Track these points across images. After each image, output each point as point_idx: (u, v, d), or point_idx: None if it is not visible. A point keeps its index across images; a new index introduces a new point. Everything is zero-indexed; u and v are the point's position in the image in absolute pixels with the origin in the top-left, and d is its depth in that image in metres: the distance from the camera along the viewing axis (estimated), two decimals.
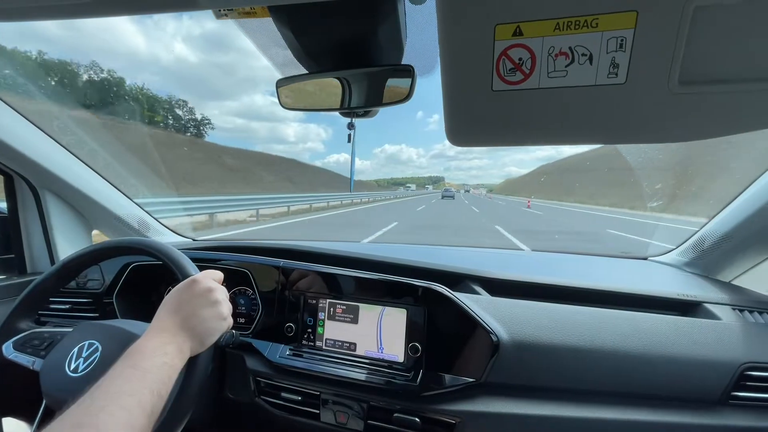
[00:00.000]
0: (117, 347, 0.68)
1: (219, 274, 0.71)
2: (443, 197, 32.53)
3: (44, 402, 0.70)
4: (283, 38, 0.63)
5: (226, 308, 0.67)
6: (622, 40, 0.36)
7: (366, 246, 1.32)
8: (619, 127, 0.42)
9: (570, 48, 0.37)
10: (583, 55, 0.37)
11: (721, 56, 0.35)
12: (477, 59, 0.40)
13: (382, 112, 0.77)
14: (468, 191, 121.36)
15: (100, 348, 0.67)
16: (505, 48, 0.39)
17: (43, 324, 0.89)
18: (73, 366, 0.66)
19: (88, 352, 0.67)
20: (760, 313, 0.83)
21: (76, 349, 0.68)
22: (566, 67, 0.38)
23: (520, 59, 0.39)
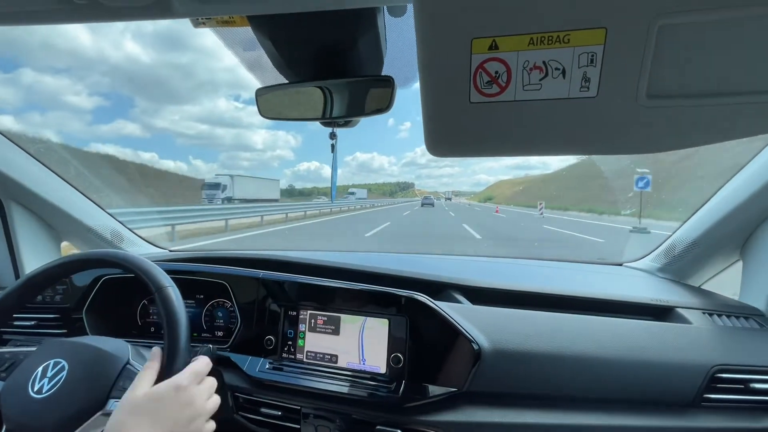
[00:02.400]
0: (85, 365, 0.64)
1: (203, 365, 0.63)
2: (423, 205, 34.00)
3: (4, 427, 0.65)
4: (262, 47, 0.62)
5: (213, 405, 0.61)
6: (592, 56, 0.37)
7: (347, 255, 1.31)
8: (591, 138, 0.44)
9: (544, 62, 0.38)
10: (556, 69, 0.39)
11: (687, 72, 0.37)
12: (454, 72, 0.40)
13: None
14: (449, 199, 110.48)
15: (66, 366, 0.64)
16: (482, 61, 0.39)
17: (5, 342, 0.84)
18: (36, 387, 0.62)
19: (53, 372, 0.63)
20: (728, 316, 0.87)
21: (40, 369, 0.64)
22: (540, 80, 0.39)
23: (496, 72, 0.40)
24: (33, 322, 1.00)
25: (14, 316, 1.00)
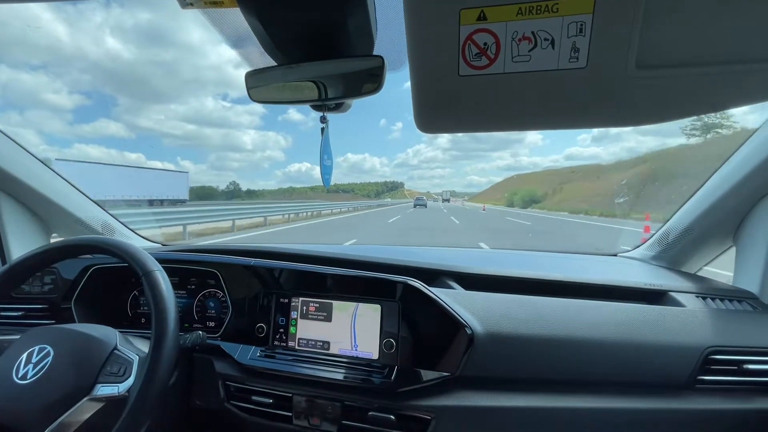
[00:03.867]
0: (71, 351, 0.64)
1: None
2: (415, 206, 34.23)
3: None
4: (251, 29, 0.61)
5: None
6: (581, 25, 0.37)
7: (339, 247, 1.30)
8: (582, 111, 0.43)
9: (533, 32, 0.38)
10: (545, 39, 0.38)
11: (676, 41, 0.37)
12: (443, 44, 0.40)
13: (343, 119, 0.76)
14: (447, 200, 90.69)
15: (51, 352, 0.63)
16: (470, 33, 0.39)
17: None
18: (21, 373, 0.61)
19: (38, 358, 0.62)
20: (722, 299, 0.87)
21: (24, 355, 0.63)
22: (530, 51, 0.39)
23: (485, 44, 0.39)
24: (20, 313, 0.99)
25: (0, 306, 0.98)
